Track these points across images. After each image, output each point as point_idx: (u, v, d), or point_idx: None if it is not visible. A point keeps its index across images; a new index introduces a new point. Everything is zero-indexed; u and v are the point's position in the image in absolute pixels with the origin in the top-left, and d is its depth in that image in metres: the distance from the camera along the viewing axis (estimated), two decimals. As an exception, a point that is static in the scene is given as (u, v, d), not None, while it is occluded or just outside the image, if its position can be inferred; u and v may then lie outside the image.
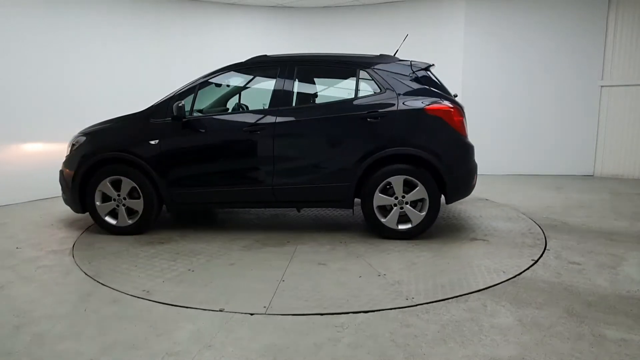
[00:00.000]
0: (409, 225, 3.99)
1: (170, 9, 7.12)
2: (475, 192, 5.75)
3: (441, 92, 4.10)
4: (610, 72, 7.09)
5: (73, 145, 4.34)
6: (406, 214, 3.98)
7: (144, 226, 4.28)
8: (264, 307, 2.75)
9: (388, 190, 3.98)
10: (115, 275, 3.30)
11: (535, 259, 3.49)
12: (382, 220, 3.99)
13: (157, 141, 4.10)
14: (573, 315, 2.56)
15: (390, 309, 2.71)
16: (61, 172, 4.42)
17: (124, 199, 4.19)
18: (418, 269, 3.36)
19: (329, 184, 4.05)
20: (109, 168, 4.17)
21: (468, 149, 4.04)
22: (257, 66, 4.43)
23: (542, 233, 4.17)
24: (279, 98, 4.13)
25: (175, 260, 3.59)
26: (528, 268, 3.29)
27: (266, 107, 4.22)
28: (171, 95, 4.24)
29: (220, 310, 2.69)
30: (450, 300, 2.77)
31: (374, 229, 4.09)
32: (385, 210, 4.02)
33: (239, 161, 4.18)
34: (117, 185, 4.19)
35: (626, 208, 5.12)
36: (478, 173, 4.27)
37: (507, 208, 5.16)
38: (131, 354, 2.24)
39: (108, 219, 4.25)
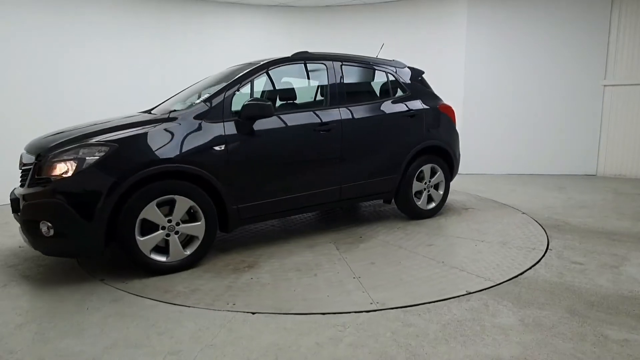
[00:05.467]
0: (433, 205, 4.76)
1: (170, 8, 7.13)
2: (477, 192, 5.79)
3: (434, 93, 4.90)
4: (613, 71, 7.07)
5: (80, 160, 3.00)
6: (430, 196, 4.76)
7: (200, 257, 3.41)
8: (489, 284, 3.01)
9: (417, 177, 4.62)
10: (305, 303, 2.78)
11: (538, 259, 3.48)
12: (418, 203, 4.62)
13: (222, 147, 3.40)
14: (575, 315, 2.55)
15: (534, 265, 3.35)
16: (47, 204, 2.97)
17: (177, 224, 3.27)
18: (498, 233, 4.21)
19: (383, 177, 4.38)
20: (155, 186, 3.15)
21: (458, 137, 5.04)
22: (302, 62, 4.21)
23: (544, 233, 4.16)
24: (334, 95, 4.14)
25: (316, 275, 3.21)
26: (530, 268, 3.29)
27: (313, 103, 4.34)
28: (224, 92, 3.55)
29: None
30: (451, 300, 2.77)
31: (408, 212, 4.67)
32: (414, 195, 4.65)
33: (316, 162, 3.96)
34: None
35: (629, 208, 5.11)
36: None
37: (509, 208, 5.16)
38: (133, 353, 2.24)
39: (154, 256, 3.20)
